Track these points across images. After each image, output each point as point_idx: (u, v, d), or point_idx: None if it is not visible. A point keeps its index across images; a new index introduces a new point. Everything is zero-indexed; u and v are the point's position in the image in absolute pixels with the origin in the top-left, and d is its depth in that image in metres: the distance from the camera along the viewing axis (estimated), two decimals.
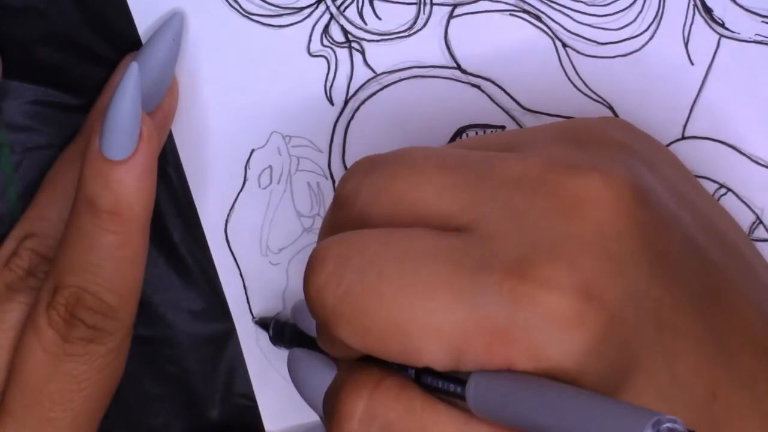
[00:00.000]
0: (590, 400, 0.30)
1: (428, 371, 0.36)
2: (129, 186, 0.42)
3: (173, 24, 0.45)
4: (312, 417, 0.48)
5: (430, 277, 0.34)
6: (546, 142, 0.37)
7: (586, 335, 0.33)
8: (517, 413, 0.32)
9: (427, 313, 0.34)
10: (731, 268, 0.37)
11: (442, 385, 0.35)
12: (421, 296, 0.34)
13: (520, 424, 0.32)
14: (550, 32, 0.46)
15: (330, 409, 0.37)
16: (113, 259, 0.43)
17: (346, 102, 0.47)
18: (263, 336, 0.48)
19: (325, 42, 0.46)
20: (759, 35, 0.46)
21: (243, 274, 0.48)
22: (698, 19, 0.46)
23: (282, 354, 0.48)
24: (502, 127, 0.47)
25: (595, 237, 0.34)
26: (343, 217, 0.38)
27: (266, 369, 0.48)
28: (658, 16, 0.46)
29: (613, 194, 0.35)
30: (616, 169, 0.36)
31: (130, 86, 0.42)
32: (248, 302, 0.48)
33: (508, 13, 0.46)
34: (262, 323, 0.47)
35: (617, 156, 0.37)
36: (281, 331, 0.46)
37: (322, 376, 0.39)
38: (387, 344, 0.35)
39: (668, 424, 0.29)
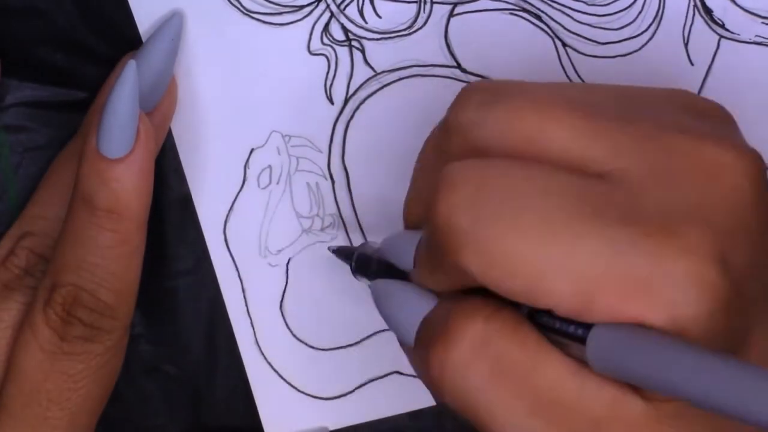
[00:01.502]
0: (733, 365, 0.30)
1: (546, 312, 0.35)
2: (126, 184, 0.42)
3: (173, 23, 0.45)
4: (312, 423, 0.48)
5: (574, 220, 0.33)
6: (670, 107, 0.37)
7: (719, 301, 0.33)
8: (642, 368, 0.32)
9: (566, 255, 0.33)
10: None
11: (560, 326, 0.34)
12: (563, 237, 0.33)
13: (642, 380, 0.32)
14: (550, 31, 0.46)
15: (434, 333, 0.36)
16: (110, 258, 0.42)
17: (346, 101, 0.47)
18: (262, 338, 0.48)
19: (326, 40, 0.46)
20: (759, 36, 0.46)
21: (241, 275, 0.47)
22: (698, 19, 0.46)
23: (281, 354, 0.47)
24: None
25: (731, 204, 0.34)
26: (457, 146, 0.36)
27: (266, 372, 0.48)
28: (658, 16, 0.46)
29: (747, 165, 0.35)
30: (745, 143, 0.36)
31: (127, 84, 0.41)
32: (246, 304, 0.48)
33: (508, 12, 0.46)
34: (342, 252, 0.46)
35: (738, 133, 0.37)
36: (366, 263, 0.44)
37: (420, 304, 0.37)
38: (513, 280, 0.33)
39: None
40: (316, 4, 0.46)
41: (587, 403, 0.34)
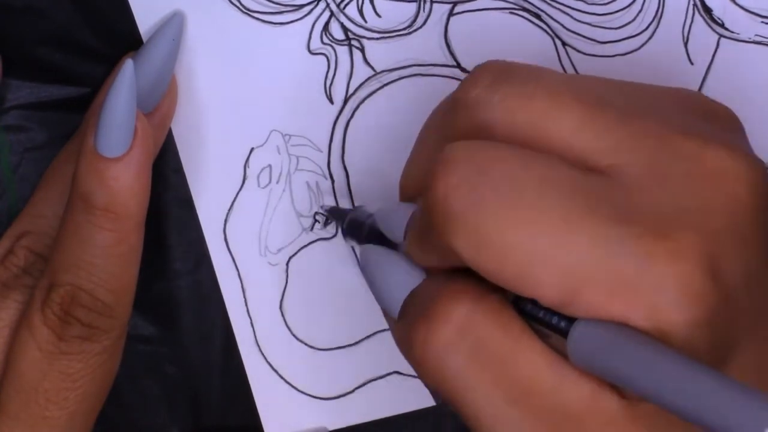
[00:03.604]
0: (713, 376, 0.30)
1: (531, 300, 0.34)
2: (124, 183, 0.42)
3: (173, 24, 0.45)
4: (312, 423, 0.48)
5: (568, 213, 0.33)
6: (678, 107, 0.36)
7: (705, 308, 0.32)
8: (622, 368, 0.31)
9: (557, 247, 0.33)
10: None
11: (544, 315, 0.34)
12: (556, 230, 0.33)
13: (621, 380, 0.31)
14: (549, 31, 0.46)
15: (419, 311, 0.36)
16: (108, 257, 0.42)
17: (345, 100, 0.46)
18: (262, 338, 0.47)
19: (325, 40, 0.46)
20: (758, 35, 0.46)
21: (241, 274, 0.47)
22: (698, 18, 0.46)
23: (281, 354, 0.47)
24: None
25: (729, 212, 0.34)
26: (462, 122, 0.36)
27: (265, 372, 0.48)
28: (658, 15, 0.46)
29: (748, 173, 0.34)
30: (750, 151, 0.35)
31: (124, 83, 0.41)
32: (246, 303, 0.47)
33: (508, 11, 0.46)
34: (334, 214, 0.46)
35: (745, 139, 0.37)
36: (358, 228, 0.44)
37: (408, 278, 0.37)
38: (502, 266, 0.33)
39: None
40: (315, 3, 0.46)
41: (564, 396, 0.34)
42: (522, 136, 0.35)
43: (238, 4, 0.45)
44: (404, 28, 0.46)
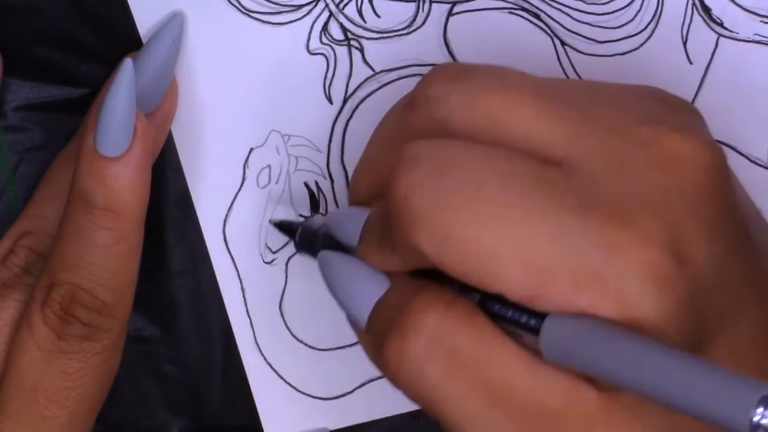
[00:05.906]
0: (694, 362, 0.29)
1: (497, 299, 0.34)
2: (123, 182, 0.42)
3: (174, 25, 0.45)
4: (312, 423, 0.48)
5: (530, 206, 0.33)
6: (638, 97, 0.36)
7: (674, 295, 0.32)
8: (598, 360, 0.31)
9: (520, 241, 0.33)
10: None
11: (513, 315, 0.34)
12: (519, 223, 0.33)
13: (598, 372, 0.31)
14: (548, 30, 0.46)
15: (389, 322, 0.35)
16: (108, 256, 0.42)
17: (345, 100, 0.46)
18: (261, 338, 0.47)
19: (324, 40, 0.46)
20: (758, 35, 0.46)
21: (240, 274, 0.47)
22: (697, 18, 0.46)
23: (281, 355, 0.47)
24: None
25: (690, 197, 0.33)
26: (420, 120, 0.36)
27: (265, 372, 0.47)
28: (657, 14, 0.46)
29: (709, 159, 0.34)
30: (710, 136, 0.35)
31: (124, 83, 0.41)
32: (245, 303, 0.47)
33: (507, 11, 0.46)
34: (285, 227, 0.45)
35: (704, 127, 0.36)
36: (311, 238, 0.43)
37: (372, 286, 0.37)
38: (466, 262, 0.33)
39: None
40: (315, 3, 0.45)
41: (542, 394, 0.34)
42: (480, 130, 0.35)
43: (237, 5, 0.45)
44: (403, 28, 0.46)
